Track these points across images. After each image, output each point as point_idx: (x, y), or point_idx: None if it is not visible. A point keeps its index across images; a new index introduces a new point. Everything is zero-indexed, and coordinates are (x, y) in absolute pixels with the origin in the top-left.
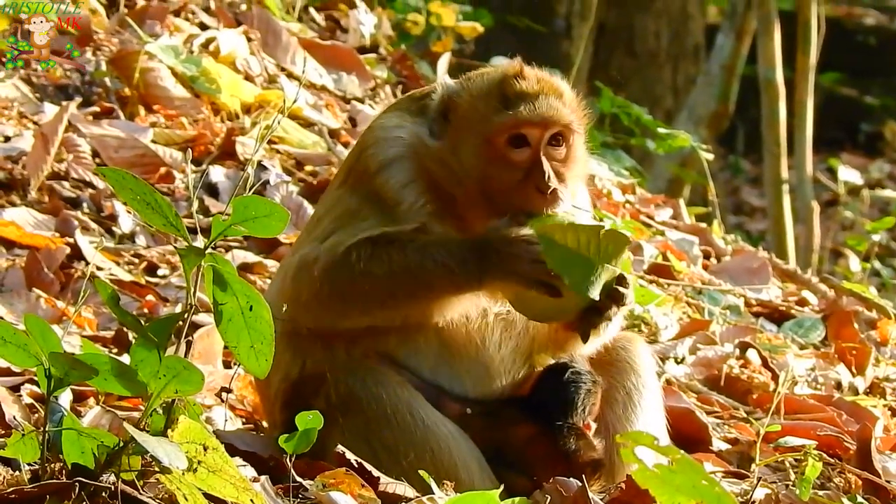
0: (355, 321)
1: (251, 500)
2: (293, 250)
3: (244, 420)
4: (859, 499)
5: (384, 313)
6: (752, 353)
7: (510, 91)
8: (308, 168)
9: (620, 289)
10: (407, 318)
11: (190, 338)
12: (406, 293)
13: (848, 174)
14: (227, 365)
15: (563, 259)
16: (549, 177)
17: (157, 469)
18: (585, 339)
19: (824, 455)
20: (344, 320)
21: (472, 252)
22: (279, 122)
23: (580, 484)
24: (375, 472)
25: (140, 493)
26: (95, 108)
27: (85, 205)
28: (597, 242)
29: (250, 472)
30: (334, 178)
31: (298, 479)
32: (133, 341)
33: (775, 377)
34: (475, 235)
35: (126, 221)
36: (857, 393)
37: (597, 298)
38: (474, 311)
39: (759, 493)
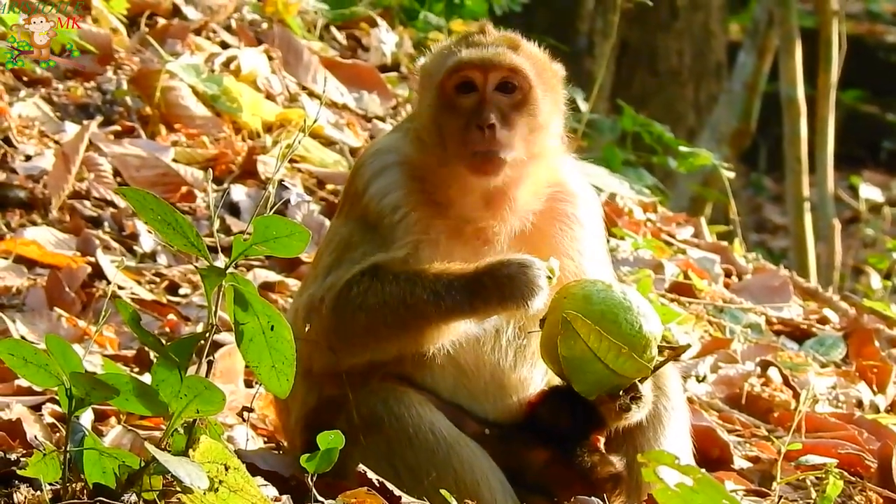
0: (358, 357)
1: None
2: (301, 288)
3: (266, 439)
4: None
5: (382, 345)
6: (773, 372)
7: (464, 41)
8: (329, 187)
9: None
10: (402, 348)
11: (211, 357)
12: (400, 323)
13: (869, 192)
14: (248, 384)
15: (575, 353)
16: (489, 114)
17: (178, 489)
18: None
19: (845, 473)
20: (349, 356)
21: (459, 277)
22: (300, 141)
23: (601, 503)
24: (397, 492)
25: None
26: (116, 127)
27: (106, 224)
28: (615, 355)
29: (272, 491)
30: (336, 210)
31: (320, 498)
32: (154, 361)
33: (796, 395)
34: (472, 265)
35: (147, 240)
36: (878, 411)
37: (592, 398)
38: (487, 334)
39: None
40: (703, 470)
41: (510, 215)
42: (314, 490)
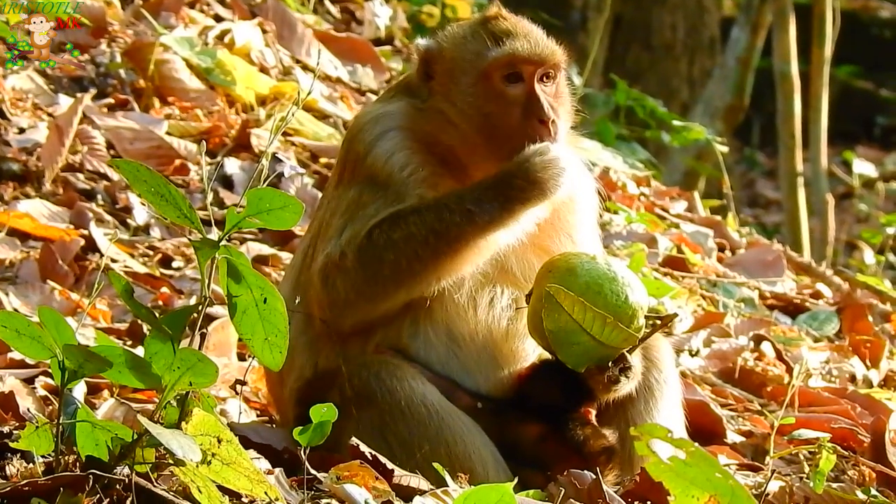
0: (392, 299)
1: (265, 493)
2: (302, 259)
3: (258, 412)
4: (873, 491)
5: (417, 280)
6: (766, 346)
7: (497, 29)
8: (323, 160)
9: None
10: (439, 277)
11: (204, 330)
12: (432, 251)
13: (863, 167)
14: (241, 357)
15: (560, 326)
16: (547, 108)
17: (171, 461)
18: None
19: (838, 448)
20: (382, 302)
21: (485, 188)
22: (294, 115)
23: (594, 476)
24: (389, 465)
25: (154, 486)
26: (110, 100)
27: (99, 197)
28: (601, 326)
29: (264, 464)
30: (329, 181)
31: (313, 471)
32: (147, 333)
33: (789, 370)
34: (486, 178)
35: (141, 213)
36: (871, 386)
37: (580, 371)
38: (482, 305)
39: (773, 486)
40: (696, 444)
41: None
42: (307, 463)
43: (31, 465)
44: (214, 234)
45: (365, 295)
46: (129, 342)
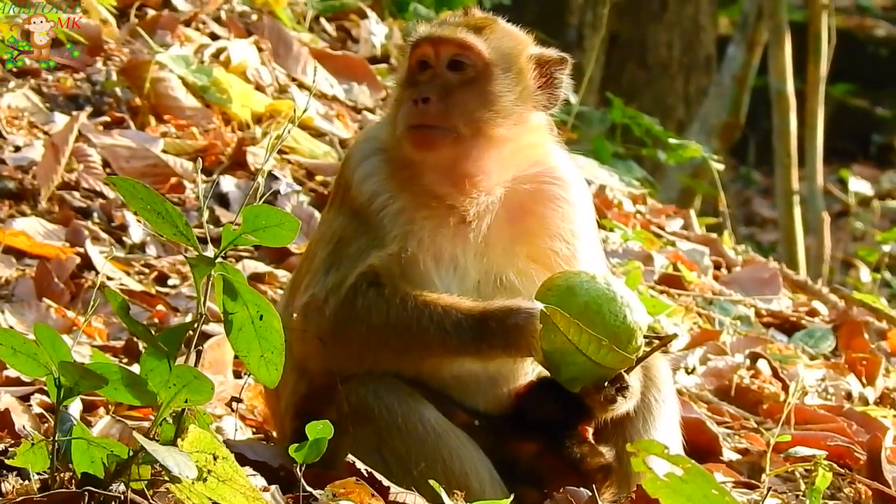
0: (356, 364)
1: None
2: (297, 281)
3: (254, 430)
4: None
5: (380, 362)
6: (762, 364)
7: (436, 22)
8: (319, 178)
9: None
10: (400, 369)
11: (200, 347)
12: (402, 346)
13: (859, 185)
14: (237, 374)
15: (556, 346)
16: (424, 88)
17: (166, 479)
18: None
19: (834, 465)
20: (345, 362)
21: (470, 317)
22: (290, 132)
23: (591, 493)
24: (386, 482)
25: (150, 503)
26: (106, 118)
27: (95, 215)
28: (597, 347)
29: (260, 481)
30: (327, 202)
31: (309, 488)
32: (143, 351)
33: (786, 387)
34: (480, 304)
35: (136, 231)
36: (867, 403)
37: (575, 391)
38: None
39: None
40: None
41: (480, 194)
42: (303, 480)
43: (26, 482)
44: (210, 251)
45: (332, 351)
46: (125, 360)
